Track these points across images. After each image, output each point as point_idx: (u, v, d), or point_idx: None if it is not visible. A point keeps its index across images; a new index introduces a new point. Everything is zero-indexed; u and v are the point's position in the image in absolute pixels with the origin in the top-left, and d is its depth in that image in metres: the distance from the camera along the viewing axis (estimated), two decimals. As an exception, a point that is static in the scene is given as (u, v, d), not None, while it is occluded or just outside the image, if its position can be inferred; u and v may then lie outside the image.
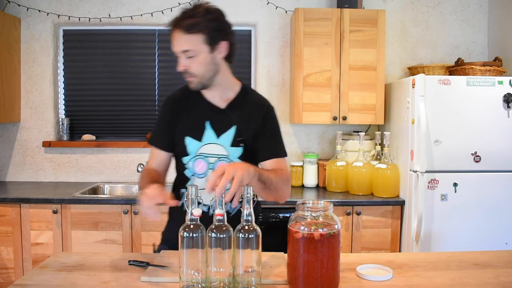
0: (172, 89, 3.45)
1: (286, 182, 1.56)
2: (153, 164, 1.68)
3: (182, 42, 1.51)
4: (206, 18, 1.50)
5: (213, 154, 1.60)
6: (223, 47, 1.56)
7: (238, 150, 1.61)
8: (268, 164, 1.61)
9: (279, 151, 1.65)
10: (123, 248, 2.71)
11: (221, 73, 1.60)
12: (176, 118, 1.65)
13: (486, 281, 1.34)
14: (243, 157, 1.61)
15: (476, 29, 3.37)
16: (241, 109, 1.63)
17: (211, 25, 1.51)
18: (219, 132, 1.61)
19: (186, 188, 1.55)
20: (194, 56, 1.52)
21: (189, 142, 1.61)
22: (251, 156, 1.61)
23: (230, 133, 1.61)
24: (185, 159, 1.63)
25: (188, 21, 1.49)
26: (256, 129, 1.63)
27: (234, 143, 1.61)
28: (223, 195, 1.21)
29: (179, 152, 1.65)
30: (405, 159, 2.77)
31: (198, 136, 1.60)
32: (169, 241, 1.70)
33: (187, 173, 1.64)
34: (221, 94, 1.64)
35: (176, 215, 1.67)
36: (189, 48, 1.51)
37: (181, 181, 1.66)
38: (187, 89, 1.65)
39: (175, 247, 1.32)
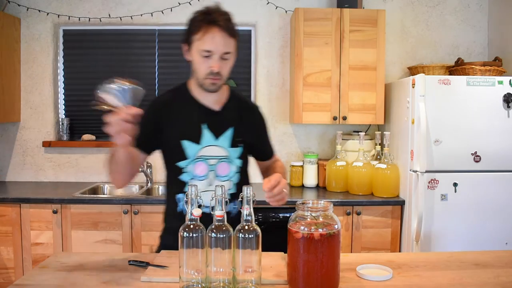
0: (172, 89, 3.47)
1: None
2: None
3: (226, 44, 1.52)
4: (234, 23, 1.55)
5: (213, 156, 1.60)
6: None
7: (238, 151, 1.64)
8: (269, 160, 1.82)
9: (272, 148, 1.84)
10: (123, 248, 2.71)
11: None
12: (166, 121, 1.62)
13: (486, 281, 1.34)
14: (242, 156, 1.66)
15: (476, 29, 3.37)
16: (234, 111, 1.67)
17: (237, 31, 1.56)
18: (217, 134, 1.61)
19: (183, 193, 1.57)
20: (228, 59, 1.55)
21: (188, 145, 1.59)
22: (246, 154, 1.69)
23: (228, 135, 1.62)
24: (182, 163, 1.59)
25: (229, 24, 1.52)
26: (254, 129, 1.72)
27: (233, 144, 1.63)
28: (224, 196, 1.21)
29: (173, 157, 1.61)
30: (405, 159, 2.77)
31: (196, 139, 1.59)
32: (168, 247, 1.60)
33: (183, 177, 1.60)
34: (215, 97, 1.64)
35: (172, 221, 1.65)
36: (230, 51, 1.53)
37: (177, 186, 1.62)
38: (176, 92, 1.66)
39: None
